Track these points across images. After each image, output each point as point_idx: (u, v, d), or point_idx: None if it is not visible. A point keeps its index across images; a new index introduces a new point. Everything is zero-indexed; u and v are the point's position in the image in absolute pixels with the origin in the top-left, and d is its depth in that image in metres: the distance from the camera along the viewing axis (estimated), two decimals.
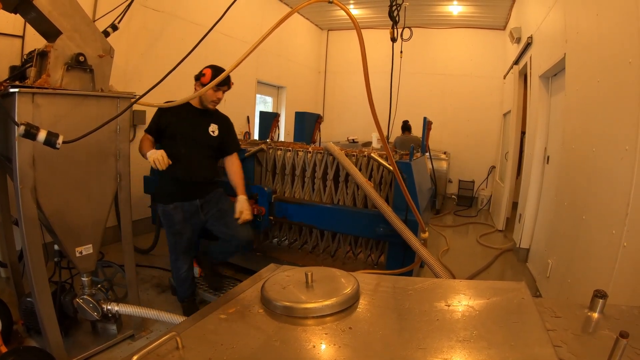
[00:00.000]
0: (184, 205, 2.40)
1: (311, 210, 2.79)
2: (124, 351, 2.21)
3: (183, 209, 2.40)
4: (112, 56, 2.05)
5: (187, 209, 2.41)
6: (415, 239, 2.28)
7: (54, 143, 1.57)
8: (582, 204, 2.36)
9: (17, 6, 1.73)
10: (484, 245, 4.78)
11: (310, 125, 5.58)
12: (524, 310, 1.00)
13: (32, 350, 1.86)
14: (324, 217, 2.77)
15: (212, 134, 2.46)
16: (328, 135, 7.64)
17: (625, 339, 0.67)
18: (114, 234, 3.75)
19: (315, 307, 0.99)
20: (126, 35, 3.86)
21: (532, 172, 4.00)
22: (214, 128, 2.47)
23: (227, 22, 2.33)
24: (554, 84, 3.76)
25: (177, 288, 2.66)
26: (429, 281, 1.20)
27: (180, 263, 2.56)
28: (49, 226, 1.91)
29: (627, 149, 1.80)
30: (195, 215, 2.45)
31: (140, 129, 4.23)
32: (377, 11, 7.05)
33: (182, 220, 2.41)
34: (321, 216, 2.77)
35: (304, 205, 2.82)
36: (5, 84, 1.79)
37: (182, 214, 2.40)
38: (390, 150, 2.40)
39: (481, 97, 7.62)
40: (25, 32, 3.05)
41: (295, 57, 7.83)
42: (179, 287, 2.63)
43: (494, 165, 7.35)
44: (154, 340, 0.81)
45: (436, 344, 0.86)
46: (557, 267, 2.76)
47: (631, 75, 1.82)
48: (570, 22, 2.88)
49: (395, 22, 3.59)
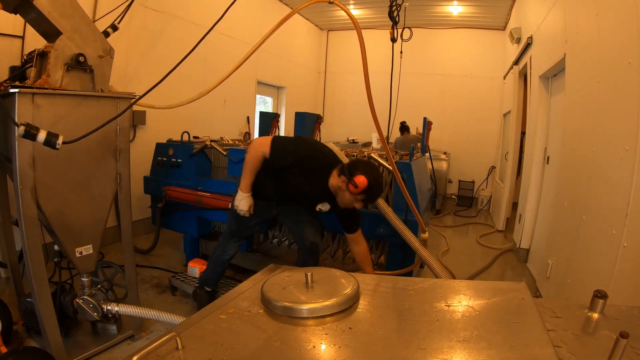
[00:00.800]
0: (260, 201, 2.32)
1: None
2: (124, 351, 2.20)
3: (258, 203, 2.32)
4: (112, 56, 2.04)
5: (261, 205, 2.34)
6: (415, 239, 2.28)
7: (54, 143, 1.57)
8: (582, 204, 2.36)
9: (17, 6, 1.73)
10: (484, 245, 4.77)
11: (310, 126, 5.57)
12: (524, 311, 1.00)
13: (32, 350, 1.86)
14: (324, 217, 2.76)
15: (320, 208, 2.27)
16: (328, 136, 7.65)
17: (625, 339, 0.67)
18: (114, 234, 3.75)
19: (315, 307, 0.99)
20: (126, 35, 3.87)
21: (532, 172, 4.00)
22: (326, 207, 2.27)
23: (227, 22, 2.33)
24: (554, 84, 3.76)
25: (210, 270, 2.56)
26: (429, 281, 1.20)
27: (230, 245, 2.49)
28: (49, 226, 1.91)
29: (627, 149, 1.80)
30: (267, 211, 2.40)
31: (140, 129, 4.24)
32: (377, 11, 7.05)
33: (253, 210, 2.31)
34: (321, 216, 2.77)
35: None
36: (5, 84, 1.79)
37: (256, 205, 2.32)
38: (390, 151, 2.40)
39: (481, 97, 7.63)
40: (25, 33, 3.05)
41: (295, 57, 7.83)
42: (214, 267, 2.54)
43: (494, 166, 7.35)
44: (154, 341, 0.81)
45: (436, 344, 0.86)
46: (557, 268, 2.76)
47: (631, 76, 1.82)
48: (570, 23, 2.88)
49: (395, 23, 3.60)
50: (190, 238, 3.38)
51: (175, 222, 3.41)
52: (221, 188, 3.07)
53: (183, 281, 2.87)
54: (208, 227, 3.42)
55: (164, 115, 4.17)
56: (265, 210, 2.39)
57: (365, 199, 2.01)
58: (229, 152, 3.18)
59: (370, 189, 1.94)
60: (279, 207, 2.42)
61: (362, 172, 1.93)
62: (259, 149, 2.12)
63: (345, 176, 1.96)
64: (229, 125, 5.87)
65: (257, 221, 2.45)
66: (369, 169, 1.99)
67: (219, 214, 3.07)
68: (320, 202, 2.26)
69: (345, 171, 1.97)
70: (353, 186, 1.91)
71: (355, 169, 1.95)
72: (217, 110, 5.62)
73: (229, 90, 5.39)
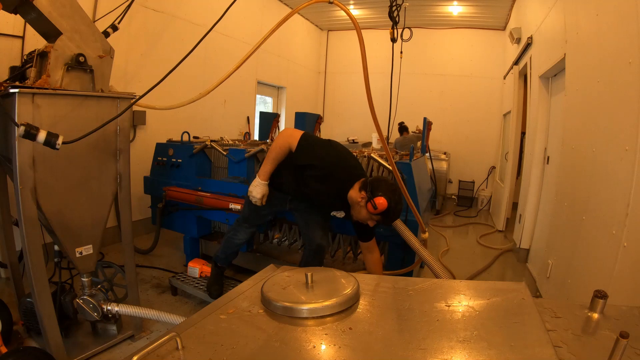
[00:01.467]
0: (276, 192, 2.31)
1: None
2: (124, 352, 2.20)
3: (273, 194, 2.30)
4: (112, 57, 2.04)
5: (277, 196, 2.33)
6: (415, 239, 2.28)
7: (54, 144, 1.57)
8: (582, 204, 2.36)
9: (17, 7, 1.73)
10: (484, 245, 4.77)
11: (311, 126, 5.59)
12: (524, 311, 1.00)
13: (32, 350, 1.86)
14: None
15: (335, 214, 2.29)
16: (328, 136, 7.60)
17: (626, 339, 0.67)
18: (114, 234, 3.75)
19: (315, 307, 0.99)
20: (126, 35, 3.87)
21: (532, 172, 4.00)
22: (341, 214, 2.26)
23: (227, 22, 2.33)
24: (554, 84, 3.76)
25: (222, 248, 2.62)
26: (429, 281, 1.20)
27: (241, 229, 2.52)
28: (49, 226, 1.91)
29: (627, 149, 1.80)
30: (281, 204, 2.40)
31: (140, 129, 4.24)
32: (377, 11, 7.05)
33: (268, 200, 2.29)
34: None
35: None
36: (5, 85, 1.79)
37: (271, 196, 2.30)
38: (390, 151, 2.40)
39: (481, 97, 7.63)
40: (25, 33, 3.06)
41: (295, 57, 7.84)
42: (224, 247, 2.60)
43: (494, 166, 7.35)
44: (154, 341, 0.81)
45: (436, 344, 0.86)
46: (557, 268, 2.76)
47: (631, 75, 1.82)
48: (570, 23, 2.88)
49: (395, 23, 3.60)
50: (190, 238, 3.38)
51: (175, 222, 3.41)
52: (221, 188, 3.07)
53: (183, 281, 2.86)
54: (208, 227, 3.42)
55: (164, 116, 4.17)
56: (280, 202, 2.39)
57: (381, 221, 1.98)
58: (229, 152, 3.18)
59: (388, 213, 1.90)
60: (294, 203, 2.40)
61: (384, 194, 1.87)
62: (287, 140, 2.08)
63: (366, 193, 1.91)
64: (229, 126, 5.87)
65: (269, 211, 2.45)
66: (392, 191, 1.92)
67: (219, 214, 3.07)
68: (336, 210, 2.25)
69: (368, 187, 1.92)
70: (372, 206, 1.87)
71: (377, 189, 1.89)
72: (217, 111, 5.63)
73: (229, 90, 5.39)
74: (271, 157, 2.14)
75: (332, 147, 2.15)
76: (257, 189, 2.21)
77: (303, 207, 2.41)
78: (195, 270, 2.93)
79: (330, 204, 2.24)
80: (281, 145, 2.10)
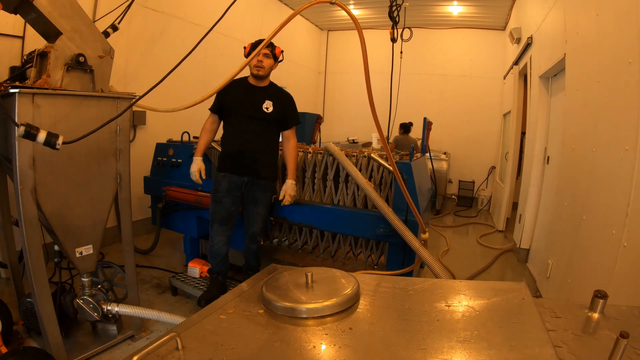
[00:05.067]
0: (231, 177, 2.57)
1: (311, 210, 2.79)
2: (124, 352, 2.20)
3: (229, 180, 2.57)
4: (112, 57, 2.05)
5: (233, 181, 2.57)
6: (415, 239, 2.28)
7: (54, 144, 1.57)
8: (582, 204, 2.36)
9: (17, 7, 1.73)
10: (484, 245, 4.77)
11: (310, 126, 5.57)
12: (524, 311, 1.00)
13: (32, 350, 1.86)
14: (324, 217, 2.77)
15: (265, 110, 2.55)
16: (328, 136, 7.63)
17: (626, 339, 0.68)
18: (114, 235, 3.75)
19: (315, 307, 0.99)
20: (126, 35, 3.87)
21: (532, 172, 4.00)
22: (268, 105, 2.56)
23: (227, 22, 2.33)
24: (554, 84, 3.76)
25: (209, 260, 2.77)
26: (429, 282, 1.20)
27: (214, 232, 2.65)
28: (49, 227, 1.91)
29: (627, 149, 1.80)
30: (238, 189, 2.60)
31: (141, 129, 4.24)
32: (377, 11, 7.05)
33: (226, 190, 2.57)
34: (321, 217, 2.77)
35: (304, 206, 2.82)
36: (5, 85, 1.79)
37: (227, 184, 2.57)
38: (390, 151, 2.40)
39: (481, 97, 7.62)
40: (26, 33, 3.05)
41: (295, 57, 7.83)
42: (211, 259, 2.73)
43: (494, 166, 7.35)
44: (154, 341, 0.81)
45: (436, 344, 0.86)
46: (557, 268, 2.76)
47: (631, 76, 1.82)
48: (570, 23, 2.88)
49: (395, 23, 3.60)
50: (190, 238, 3.38)
51: (175, 222, 3.41)
52: None
53: (183, 281, 2.87)
54: (208, 227, 3.42)
55: (164, 116, 4.16)
56: (236, 186, 2.59)
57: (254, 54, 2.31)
58: None
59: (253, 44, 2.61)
60: (246, 188, 2.61)
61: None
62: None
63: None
64: None
65: (231, 200, 2.61)
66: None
67: None
68: (262, 104, 2.57)
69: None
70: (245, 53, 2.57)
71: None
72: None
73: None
74: (200, 136, 2.72)
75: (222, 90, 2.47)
76: (193, 165, 2.65)
77: (251, 197, 2.64)
78: (195, 270, 2.93)
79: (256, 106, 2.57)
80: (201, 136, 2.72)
